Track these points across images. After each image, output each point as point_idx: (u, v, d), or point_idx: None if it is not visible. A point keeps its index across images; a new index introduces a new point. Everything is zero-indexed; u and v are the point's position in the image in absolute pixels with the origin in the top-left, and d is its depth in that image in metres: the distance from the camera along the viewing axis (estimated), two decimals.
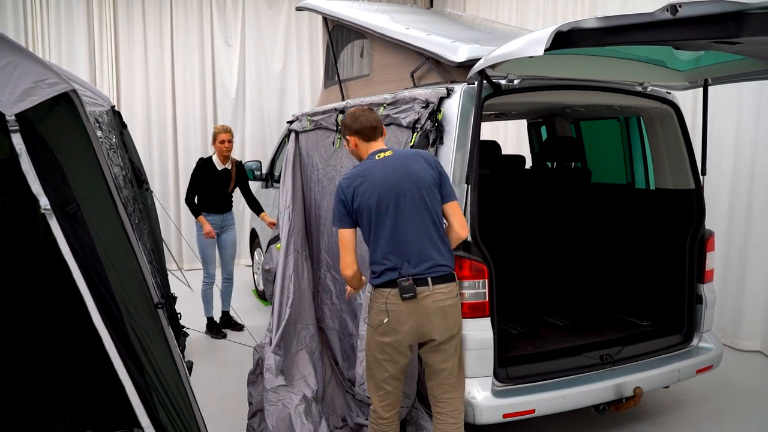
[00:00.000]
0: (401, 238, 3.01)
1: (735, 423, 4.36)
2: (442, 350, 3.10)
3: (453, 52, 3.81)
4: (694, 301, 4.28)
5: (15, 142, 2.18)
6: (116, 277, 2.56)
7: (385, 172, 3.07)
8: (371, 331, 3.12)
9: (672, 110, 4.29)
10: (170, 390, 2.78)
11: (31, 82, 2.23)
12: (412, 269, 3.00)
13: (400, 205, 3.02)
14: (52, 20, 8.83)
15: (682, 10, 2.29)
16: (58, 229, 2.28)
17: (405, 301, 2.97)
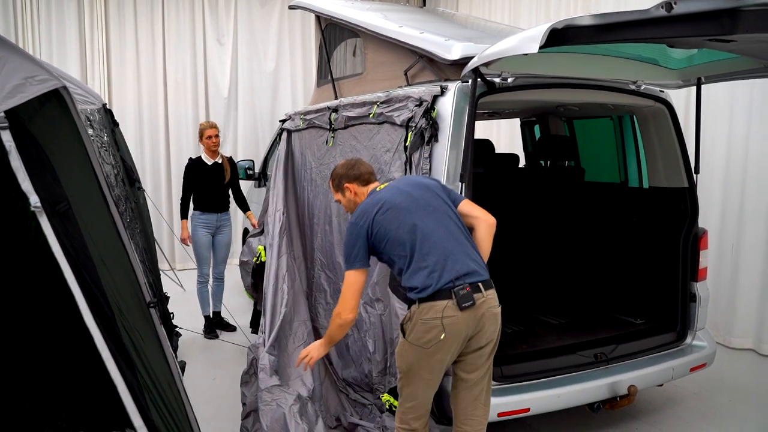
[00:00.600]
0: (442, 249, 2.87)
1: (728, 421, 4.37)
2: (483, 357, 2.98)
3: (447, 50, 3.80)
4: (688, 299, 4.29)
5: (4, 139, 2.15)
6: (108, 276, 2.54)
7: (398, 194, 3.00)
8: (417, 350, 2.85)
9: (665, 109, 4.29)
10: (163, 390, 2.76)
11: (21, 79, 2.20)
12: (464, 277, 2.85)
13: (430, 219, 2.93)
14: (42, 18, 8.77)
15: (677, 7, 2.28)
16: (48, 228, 2.25)
17: (464, 311, 2.79)
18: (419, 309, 2.84)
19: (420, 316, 2.83)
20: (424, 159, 3.62)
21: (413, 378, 2.92)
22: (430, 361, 2.85)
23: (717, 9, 2.20)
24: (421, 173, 3.62)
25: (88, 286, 2.45)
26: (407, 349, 2.90)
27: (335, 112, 4.69)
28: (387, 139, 3.99)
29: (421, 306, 2.83)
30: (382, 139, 4.04)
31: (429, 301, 2.81)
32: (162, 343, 2.77)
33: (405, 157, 3.71)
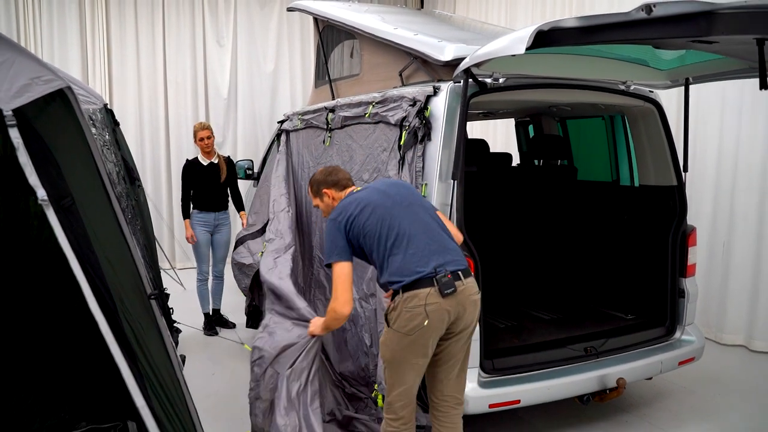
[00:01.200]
0: (421, 242, 2.98)
1: (717, 413, 4.47)
2: (460, 341, 3.07)
3: (440, 51, 3.90)
4: (677, 294, 4.38)
5: (12, 136, 2.25)
6: (110, 269, 2.62)
7: (374, 192, 3.14)
8: (402, 338, 2.93)
9: (654, 108, 4.39)
10: (163, 380, 2.84)
11: (28, 79, 2.30)
12: (445, 265, 2.95)
13: (407, 213, 3.05)
14: (44, 20, 8.87)
15: (656, 10, 2.38)
16: (55, 220, 2.35)
17: (445, 298, 2.89)
18: (403, 298, 2.92)
19: (405, 304, 2.91)
20: (417, 157, 3.72)
21: (398, 366, 3.01)
22: (414, 348, 2.93)
23: (693, 12, 2.30)
24: (415, 171, 3.71)
25: (91, 278, 2.54)
26: (391, 338, 2.98)
27: (332, 113, 4.79)
28: (382, 138, 4.08)
29: (405, 295, 2.91)
30: (378, 138, 4.14)
31: (412, 290, 2.90)
32: (162, 335, 2.86)
33: (399, 156, 3.81)
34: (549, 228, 5.44)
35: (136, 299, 2.76)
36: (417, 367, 3.00)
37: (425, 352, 2.98)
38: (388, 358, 3.04)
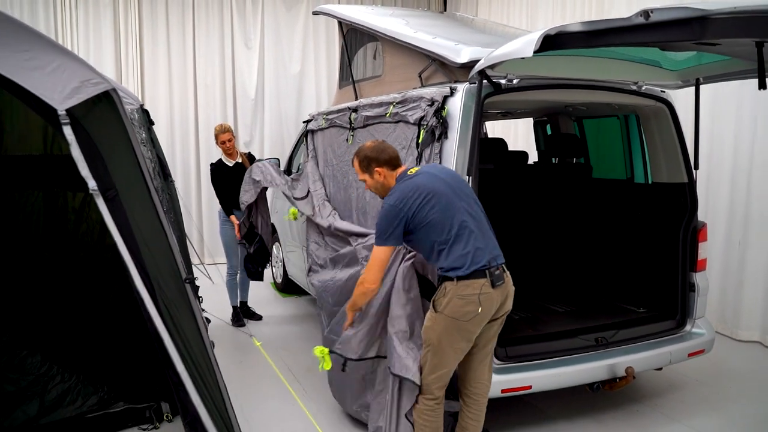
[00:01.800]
0: (478, 235, 3.22)
1: (728, 405, 4.58)
2: (494, 330, 3.38)
3: (456, 54, 4.09)
4: (687, 288, 4.51)
5: (66, 133, 2.51)
6: (148, 255, 2.87)
7: (436, 181, 3.28)
8: (452, 322, 3.17)
9: (666, 108, 4.52)
10: (196, 358, 3.08)
11: (78, 82, 2.55)
12: (495, 259, 3.23)
13: (465, 205, 3.26)
14: (80, 24, 9.24)
15: (653, 15, 2.55)
16: (104, 208, 2.60)
17: (495, 288, 3.17)
18: (457, 286, 3.14)
19: (458, 292, 3.14)
20: (435, 155, 3.91)
21: (443, 349, 3.23)
22: (461, 333, 3.19)
23: (687, 17, 2.47)
24: None
25: (134, 263, 2.80)
26: (440, 322, 3.20)
27: (355, 112, 5.00)
28: (402, 136, 4.28)
29: (459, 283, 3.14)
30: (398, 137, 4.34)
31: (467, 279, 3.14)
32: (196, 316, 3.10)
33: (417, 153, 4.01)
34: (564, 224, 5.60)
35: (172, 283, 3.00)
36: (459, 351, 3.25)
37: (470, 338, 3.23)
38: (434, 342, 3.25)
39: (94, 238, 6.02)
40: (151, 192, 2.95)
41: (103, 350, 4.67)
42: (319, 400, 4.63)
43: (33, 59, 2.50)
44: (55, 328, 4.77)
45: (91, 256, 5.97)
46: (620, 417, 4.36)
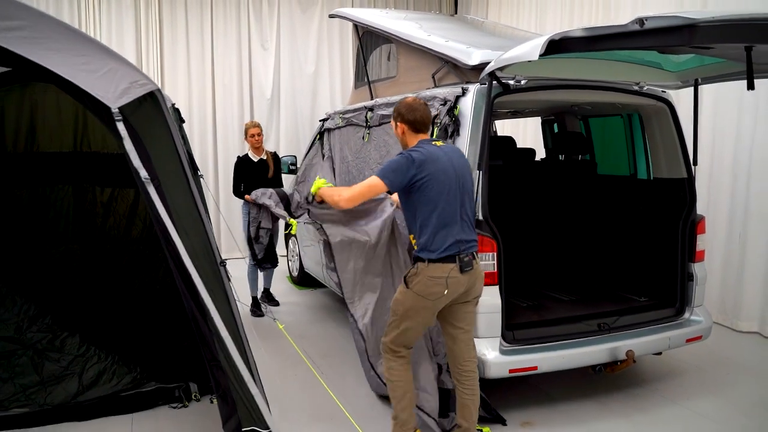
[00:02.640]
0: (459, 219, 3.47)
1: (725, 389, 4.81)
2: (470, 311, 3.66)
3: (467, 57, 4.37)
4: (686, 278, 4.76)
5: (119, 129, 2.80)
6: (186, 240, 3.16)
7: (449, 158, 3.49)
8: (418, 299, 3.45)
9: (666, 107, 4.78)
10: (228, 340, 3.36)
11: (128, 83, 2.84)
12: (467, 246, 3.48)
13: (460, 191, 3.49)
14: (104, 25, 9.57)
15: (648, 23, 2.82)
16: (155, 194, 2.89)
17: (464, 274, 3.44)
18: (428, 267, 3.42)
19: (428, 273, 3.41)
20: None
21: (407, 319, 3.54)
22: (426, 310, 3.50)
23: (678, 25, 2.73)
24: None
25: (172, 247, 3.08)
26: (408, 298, 3.50)
27: (371, 111, 5.28)
28: None
29: (430, 265, 3.41)
30: None
31: (438, 263, 3.41)
32: (228, 297, 3.39)
33: None
34: (569, 217, 5.85)
35: (208, 266, 3.29)
36: (421, 325, 3.59)
37: (433, 313, 3.54)
38: (400, 314, 3.57)
39: (121, 232, 6.36)
40: (190, 183, 3.24)
41: (135, 333, 4.99)
42: (336, 381, 4.91)
43: (89, 63, 2.80)
44: (91, 313, 5.08)
45: (117, 248, 6.31)
46: (621, 399, 4.60)
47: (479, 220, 4.00)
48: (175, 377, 4.56)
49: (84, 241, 6.19)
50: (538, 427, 4.18)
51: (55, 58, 2.73)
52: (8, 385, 4.26)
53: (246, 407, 3.49)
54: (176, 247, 2.93)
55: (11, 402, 4.18)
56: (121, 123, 2.77)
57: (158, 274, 6.23)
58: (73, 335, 4.61)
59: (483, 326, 4.02)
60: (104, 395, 4.36)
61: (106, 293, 5.88)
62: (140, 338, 4.96)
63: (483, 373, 4.00)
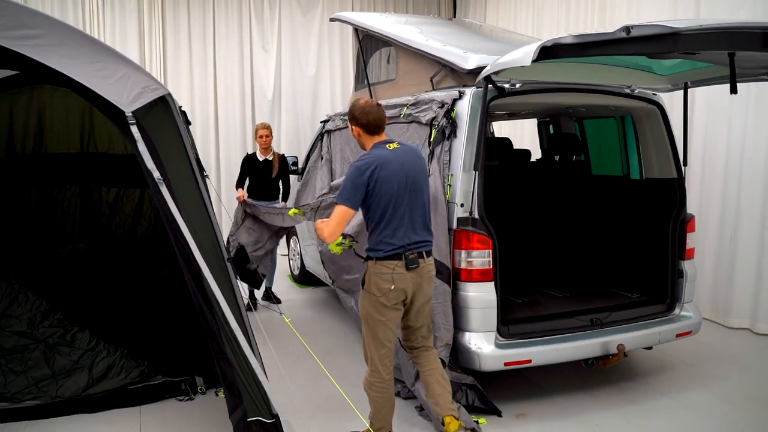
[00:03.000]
0: (408, 221, 3.59)
1: (714, 383, 4.96)
2: (423, 312, 3.79)
3: (464, 61, 4.52)
4: (676, 275, 4.91)
5: (133, 131, 2.95)
6: (196, 237, 3.31)
7: (400, 162, 3.58)
8: (372, 298, 3.61)
9: (657, 109, 4.93)
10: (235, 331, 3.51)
11: (140, 88, 3.00)
12: (414, 246, 3.60)
13: (409, 193, 3.59)
14: (107, 27, 9.74)
15: (633, 31, 2.98)
16: (167, 194, 3.04)
17: (409, 271, 3.57)
18: (375, 265, 3.59)
19: (375, 270, 3.58)
20: (445, 152, 4.34)
21: (373, 321, 3.66)
22: (382, 306, 3.60)
23: (661, 33, 2.89)
24: (442, 163, 4.33)
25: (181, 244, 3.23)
26: (366, 298, 3.67)
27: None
28: (415, 135, 4.71)
29: (377, 263, 3.58)
30: (411, 136, 4.77)
31: (384, 260, 3.56)
32: (235, 292, 3.54)
33: (429, 150, 4.43)
34: (563, 216, 6.01)
35: (216, 262, 3.44)
36: (386, 324, 3.66)
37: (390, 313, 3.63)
38: (364, 316, 3.72)
39: (126, 231, 6.51)
40: (198, 182, 3.40)
41: (142, 329, 5.14)
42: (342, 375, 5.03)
43: (103, 69, 2.95)
44: (100, 309, 5.23)
45: (123, 247, 6.46)
46: (613, 392, 4.76)
47: (475, 219, 4.16)
48: (181, 371, 4.71)
49: (90, 240, 6.34)
50: (532, 418, 4.33)
51: (71, 65, 2.88)
52: (21, 378, 4.41)
53: (251, 398, 3.63)
54: (187, 244, 3.07)
55: (24, 394, 4.34)
56: (134, 126, 2.92)
57: (163, 273, 6.39)
58: (83, 330, 4.76)
59: (479, 321, 4.18)
60: (113, 388, 4.52)
61: (114, 290, 6.05)
62: (147, 334, 5.12)
63: (479, 365, 4.16)
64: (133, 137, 2.95)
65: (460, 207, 4.22)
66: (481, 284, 4.18)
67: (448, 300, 4.17)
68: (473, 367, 4.20)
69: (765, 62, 3.90)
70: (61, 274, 6.04)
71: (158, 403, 4.55)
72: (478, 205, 4.17)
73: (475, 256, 4.15)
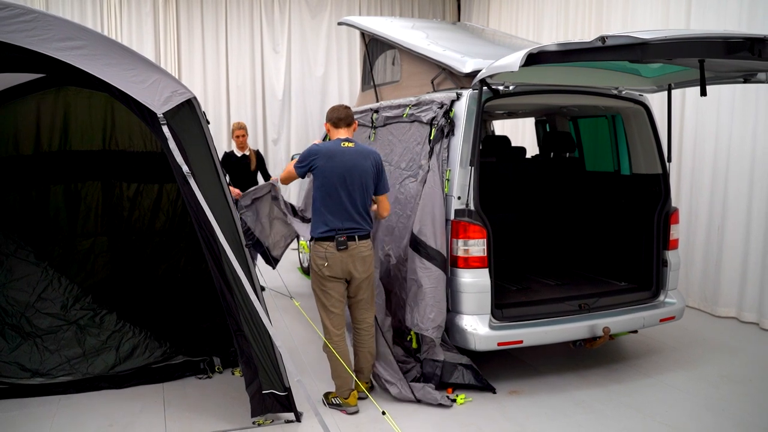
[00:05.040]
0: (341, 208, 4.16)
1: (697, 366, 5.26)
2: (362, 287, 4.35)
3: (462, 65, 4.89)
4: (661, 264, 5.25)
5: (165, 131, 3.34)
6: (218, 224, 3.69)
7: (345, 159, 4.18)
8: (314, 273, 4.27)
9: (643, 109, 5.27)
10: (252, 310, 3.89)
11: (170, 92, 3.38)
12: (345, 230, 4.16)
13: (346, 186, 4.15)
14: (124, 29, 10.16)
15: (608, 41, 3.34)
16: (195, 186, 3.42)
17: (339, 251, 4.15)
18: (313, 245, 4.25)
19: (313, 250, 4.24)
20: (443, 149, 4.70)
21: (319, 296, 4.32)
22: (323, 281, 4.25)
23: (633, 43, 3.25)
24: (441, 160, 4.69)
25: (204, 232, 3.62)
26: (312, 275, 4.32)
27: (376, 113, 5.80)
28: (417, 134, 5.07)
29: (314, 244, 4.23)
30: (413, 134, 5.13)
31: (318, 241, 4.20)
32: (253, 275, 3.92)
33: (429, 148, 4.80)
34: (555, 209, 6.36)
35: (235, 248, 3.81)
36: (329, 293, 4.28)
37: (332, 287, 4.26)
38: (312, 287, 4.36)
39: (145, 224, 6.92)
40: (220, 177, 3.78)
41: (163, 314, 5.54)
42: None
43: (137, 75, 3.34)
44: (125, 294, 5.64)
45: (142, 239, 6.87)
46: (601, 373, 5.10)
47: (471, 210, 4.52)
48: (200, 352, 5.10)
49: (112, 232, 6.75)
50: (524, 395, 4.69)
51: (109, 72, 3.27)
52: (55, 356, 4.81)
53: (266, 372, 4.03)
54: (212, 230, 3.45)
55: (58, 371, 4.74)
56: (165, 126, 3.30)
57: (180, 264, 6.80)
58: (111, 313, 5.14)
59: (474, 304, 4.55)
60: (138, 366, 4.91)
61: (135, 280, 6.46)
62: (168, 318, 5.52)
63: (474, 345, 4.52)
64: (164, 136, 3.34)
65: (457, 199, 4.58)
66: (476, 270, 4.54)
67: (441, 285, 4.54)
68: (469, 347, 4.55)
69: (737, 66, 4.23)
70: (84, 265, 6.47)
71: (179, 380, 4.93)
72: (474, 197, 4.53)
73: (471, 244, 4.51)
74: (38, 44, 3.18)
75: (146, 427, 4.22)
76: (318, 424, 3.24)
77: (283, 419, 4.19)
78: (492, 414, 4.38)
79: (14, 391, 4.57)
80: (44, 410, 4.42)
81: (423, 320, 4.56)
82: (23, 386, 4.61)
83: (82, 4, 9.96)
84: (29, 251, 5.26)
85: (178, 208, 6.87)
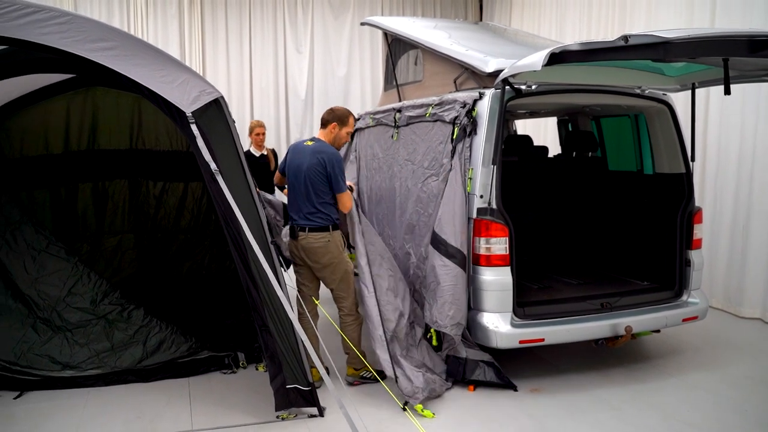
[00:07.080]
0: (295, 201, 4.56)
1: (720, 367, 5.23)
2: (325, 277, 4.68)
3: (484, 64, 4.92)
4: (684, 264, 5.23)
5: (193, 129, 3.42)
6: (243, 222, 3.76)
7: (299, 156, 4.58)
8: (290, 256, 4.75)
9: (667, 108, 5.25)
10: (277, 306, 3.96)
11: (198, 92, 3.46)
12: (299, 223, 4.53)
13: (303, 182, 4.48)
14: (150, 31, 10.33)
15: (631, 40, 3.35)
16: (222, 183, 3.49)
17: (293, 240, 4.58)
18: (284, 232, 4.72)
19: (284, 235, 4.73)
20: (466, 148, 4.74)
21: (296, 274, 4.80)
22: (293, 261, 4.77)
23: (655, 42, 3.26)
24: (464, 159, 4.72)
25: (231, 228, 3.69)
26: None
27: (399, 113, 5.84)
28: (439, 133, 5.11)
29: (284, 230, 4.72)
30: (436, 133, 5.16)
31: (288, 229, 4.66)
32: (278, 271, 3.99)
33: (452, 147, 4.83)
34: (577, 208, 6.35)
35: (260, 244, 3.88)
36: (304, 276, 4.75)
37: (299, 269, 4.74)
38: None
39: (170, 222, 7.03)
40: (246, 175, 3.85)
41: (188, 310, 5.65)
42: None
43: (166, 76, 3.43)
44: (152, 290, 5.75)
45: (167, 237, 6.99)
46: (623, 372, 5.10)
47: (493, 209, 4.55)
48: (225, 347, 5.19)
49: (138, 230, 6.88)
50: (545, 393, 4.71)
51: (140, 72, 3.36)
52: (84, 349, 4.93)
53: (290, 367, 4.10)
54: (240, 226, 3.52)
55: (87, 364, 4.86)
56: (193, 125, 3.39)
57: (204, 261, 6.91)
58: (138, 308, 5.25)
59: (496, 302, 4.58)
60: (165, 361, 5.01)
61: (160, 276, 6.58)
62: (193, 314, 5.62)
63: (496, 343, 4.55)
64: (192, 134, 3.42)
65: (479, 198, 4.61)
66: (498, 269, 4.57)
67: (460, 283, 4.59)
68: (490, 344, 4.59)
69: (762, 65, 4.21)
70: (111, 261, 6.60)
71: (204, 375, 5.03)
72: (496, 196, 4.56)
73: (493, 242, 4.54)
74: (72, 45, 3.28)
75: (173, 420, 4.31)
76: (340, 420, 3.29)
77: (306, 414, 4.25)
78: (513, 411, 4.40)
79: (45, 383, 4.70)
80: (74, 402, 4.54)
81: (442, 317, 4.60)
82: (54, 378, 4.74)
83: (109, 5, 10.14)
84: (60, 247, 5.40)
85: (202, 207, 6.98)
